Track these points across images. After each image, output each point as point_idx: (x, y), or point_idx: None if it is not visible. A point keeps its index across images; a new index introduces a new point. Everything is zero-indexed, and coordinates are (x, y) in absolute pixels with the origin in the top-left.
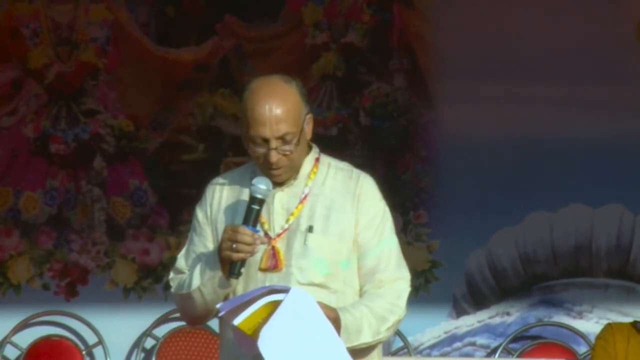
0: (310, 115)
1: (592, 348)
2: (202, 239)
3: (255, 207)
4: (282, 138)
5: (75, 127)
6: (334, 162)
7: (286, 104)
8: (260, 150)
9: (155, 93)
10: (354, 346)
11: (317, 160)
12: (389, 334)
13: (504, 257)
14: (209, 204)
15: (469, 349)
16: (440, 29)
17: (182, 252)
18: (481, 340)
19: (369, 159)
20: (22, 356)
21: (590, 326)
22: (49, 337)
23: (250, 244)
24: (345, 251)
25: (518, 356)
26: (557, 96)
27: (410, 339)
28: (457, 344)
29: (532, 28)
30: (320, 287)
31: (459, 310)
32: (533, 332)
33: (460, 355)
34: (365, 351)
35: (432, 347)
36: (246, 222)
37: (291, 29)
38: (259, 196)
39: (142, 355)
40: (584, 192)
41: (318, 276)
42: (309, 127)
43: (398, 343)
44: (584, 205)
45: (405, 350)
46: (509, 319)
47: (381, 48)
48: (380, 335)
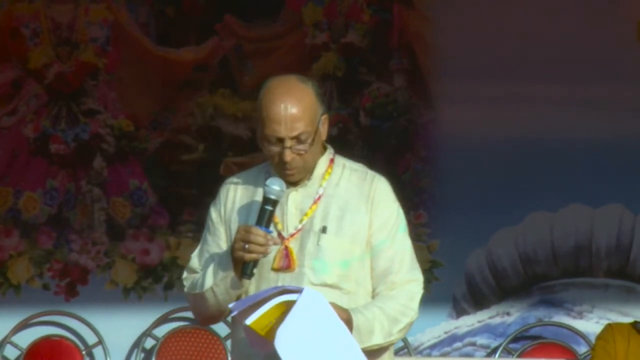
0: (325, 115)
1: (592, 348)
2: (215, 238)
3: (269, 207)
4: (297, 137)
5: (75, 127)
6: (348, 164)
7: (302, 104)
8: (274, 149)
9: (155, 93)
10: (365, 347)
11: (332, 161)
12: (401, 335)
13: (504, 257)
14: (223, 204)
15: (469, 349)
16: (440, 29)
17: (196, 251)
18: (481, 340)
19: (369, 159)
20: (22, 356)
21: (590, 326)
22: (48, 337)
23: (262, 245)
24: (358, 252)
25: (518, 356)
26: (557, 96)
27: (410, 339)
28: (457, 344)
29: (532, 28)
30: (333, 287)
31: (459, 310)
32: (533, 332)
33: (460, 355)
34: (376, 353)
35: (432, 347)
36: (259, 222)
37: (291, 29)
38: (273, 197)
39: (142, 355)
40: (584, 192)
41: (331, 277)
42: (324, 127)
43: (398, 343)
44: (584, 205)
45: (406, 350)
46: (509, 319)
47: (381, 48)
48: (392, 337)
